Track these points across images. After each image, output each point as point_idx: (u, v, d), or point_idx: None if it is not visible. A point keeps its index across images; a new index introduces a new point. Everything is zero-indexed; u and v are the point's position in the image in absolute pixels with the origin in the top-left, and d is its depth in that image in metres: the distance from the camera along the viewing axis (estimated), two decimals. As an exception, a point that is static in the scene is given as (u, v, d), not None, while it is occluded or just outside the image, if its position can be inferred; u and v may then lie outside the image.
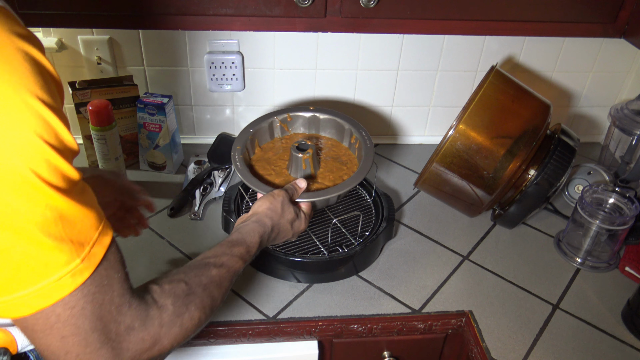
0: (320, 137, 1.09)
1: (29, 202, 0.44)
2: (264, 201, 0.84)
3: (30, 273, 0.46)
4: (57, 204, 0.46)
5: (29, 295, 0.46)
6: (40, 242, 0.45)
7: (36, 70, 0.45)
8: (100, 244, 0.50)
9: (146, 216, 0.98)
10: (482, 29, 1.05)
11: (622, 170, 1.25)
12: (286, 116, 1.07)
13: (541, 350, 0.89)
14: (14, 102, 0.43)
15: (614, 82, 1.41)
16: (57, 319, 0.48)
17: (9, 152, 0.43)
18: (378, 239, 1.02)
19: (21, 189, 0.44)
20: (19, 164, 0.43)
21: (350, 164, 1.02)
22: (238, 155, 0.96)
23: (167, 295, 0.59)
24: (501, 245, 1.12)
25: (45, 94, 0.45)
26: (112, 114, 1.11)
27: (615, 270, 1.07)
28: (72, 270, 0.48)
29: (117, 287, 0.52)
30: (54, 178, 0.46)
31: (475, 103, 1.00)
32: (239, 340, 0.92)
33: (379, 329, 0.94)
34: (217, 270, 0.68)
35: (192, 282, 0.63)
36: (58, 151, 0.46)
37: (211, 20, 0.96)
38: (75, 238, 0.48)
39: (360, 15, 0.97)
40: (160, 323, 0.56)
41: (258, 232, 0.78)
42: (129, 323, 0.53)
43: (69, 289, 0.48)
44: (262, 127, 1.04)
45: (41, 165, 0.44)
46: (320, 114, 1.07)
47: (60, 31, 1.19)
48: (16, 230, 0.44)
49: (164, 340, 0.57)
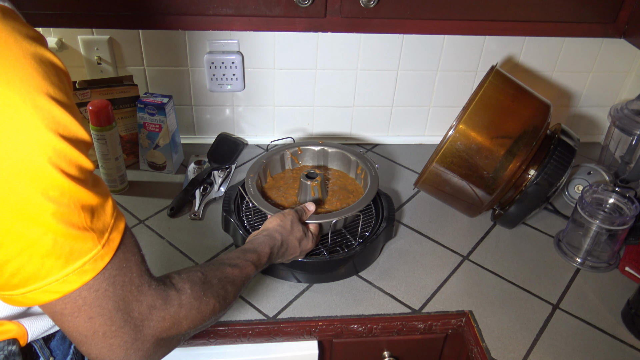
0: (328, 168, 1.17)
1: (52, 196, 0.47)
2: (275, 219, 0.89)
3: (57, 261, 0.49)
4: (78, 195, 0.49)
5: (56, 282, 0.49)
6: (65, 232, 0.48)
7: (47, 69, 0.48)
8: (117, 230, 0.54)
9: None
10: (482, 29, 1.05)
11: (622, 170, 1.25)
12: (297, 149, 1.15)
13: (541, 350, 0.89)
14: (28, 103, 0.45)
15: (614, 82, 1.41)
16: (84, 301, 0.51)
17: (28, 150, 0.45)
18: (378, 239, 1.02)
19: (44, 183, 0.46)
20: (39, 160, 0.46)
21: (356, 192, 1.10)
22: (251, 182, 1.03)
23: (184, 281, 0.62)
24: (501, 245, 1.12)
25: (57, 90, 0.48)
26: (112, 114, 1.11)
27: (615, 270, 1.07)
28: (94, 256, 0.51)
29: (136, 269, 0.55)
30: (72, 170, 0.48)
31: (475, 103, 1.00)
32: (239, 340, 0.92)
33: (379, 329, 0.94)
34: (231, 269, 0.73)
35: (209, 274, 0.68)
36: (73, 144, 0.48)
37: (211, 20, 0.96)
38: (95, 226, 0.51)
39: (360, 15, 0.97)
40: (180, 304, 0.59)
41: (269, 244, 0.83)
42: (151, 302, 0.56)
43: (92, 274, 0.51)
44: (274, 159, 1.13)
45: (59, 159, 0.47)
46: (329, 147, 1.15)
47: (60, 31, 1.19)
48: (42, 224, 0.47)
49: (183, 321, 0.60)
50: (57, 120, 0.47)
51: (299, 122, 1.39)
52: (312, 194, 1.03)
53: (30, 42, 0.48)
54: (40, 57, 0.48)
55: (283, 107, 1.36)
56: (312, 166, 1.17)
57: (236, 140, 1.37)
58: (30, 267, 0.48)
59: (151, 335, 0.56)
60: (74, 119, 0.48)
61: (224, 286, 0.68)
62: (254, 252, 0.79)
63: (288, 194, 1.08)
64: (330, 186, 1.11)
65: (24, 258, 0.47)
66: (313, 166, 1.17)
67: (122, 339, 0.54)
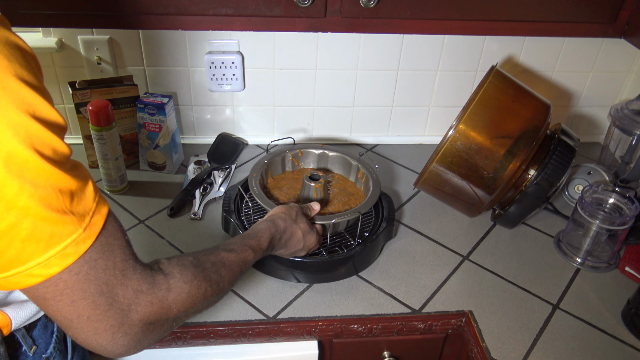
0: (328, 171, 1.18)
1: (28, 178, 0.46)
2: (280, 207, 0.90)
3: (37, 245, 0.48)
4: (55, 177, 0.48)
5: (38, 266, 0.49)
6: (45, 216, 0.48)
7: (13, 51, 0.47)
8: (99, 214, 0.53)
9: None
10: (482, 29, 1.05)
11: (622, 170, 1.25)
12: (297, 151, 1.16)
13: (541, 350, 0.89)
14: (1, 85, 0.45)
15: (614, 82, 1.41)
16: (65, 284, 0.51)
17: (1, 133, 0.44)
18: (378, 239, 1.02)
19: (20, 167, 0.45)
20: (12, 141, 0.45)
21: (356, 195, 1.11)
22: (255, 181, 1.04)
23: (174, 265, 0.62)
24: (501, 245, 1.12)
25: (26, 72, 0.47)
26: (112, 114, 1.11)
27: (615, 270, 1.07)
28: (75, 239, 0.50)
29: (119, 253, 0.55)
30: (47, 152, 0.47)
31: (475, 103, 1.00)
32: (239, 340, 0.92)
33: (379, 329, 0.94)
34: (226, 253, 0.72)
35: (201, 257, 0.67)
36: (46, 126, 0.47)
37: (211, 20, 0.96)
38: (76, 209, 0.50)
39: (360, 15, 0.97)
40: (168, 288, 0.59)
41: (269, 230, 0.82)
42: (136, 286, 0.56)
43: (74, 257, 0.51)
44: (275, 160, 1.13)
45: (33, 140, 0.46)
46: (329, 151, 1.16)
47: (60, 31, 1.19)
48: (21, 208, 0.46)
49: (172, 306, 0.59)
50: (28, 102, 0.46)
51: (299, 122, 1.39)
52: (315, 195, 1.04)
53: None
54: (5, 40, 0.47)
55: (283, 107, 1.36)
56: (312, 169, 1.17)
57: (236, 140, 1.37)
58: (11, 251, 0.48)
59: (139, 320, 0.56)
60: (45, 101, 0.48)
61: (217, 270, 0.67)
62: (253, 238, 0.78)
63: (290, 194, 1.09)
64: (331, 189, 1.11)
65: (4, 242, 0.47)
66: (313, 169, 1.17)
67: (108, 323, 0.53)
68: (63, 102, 1.29)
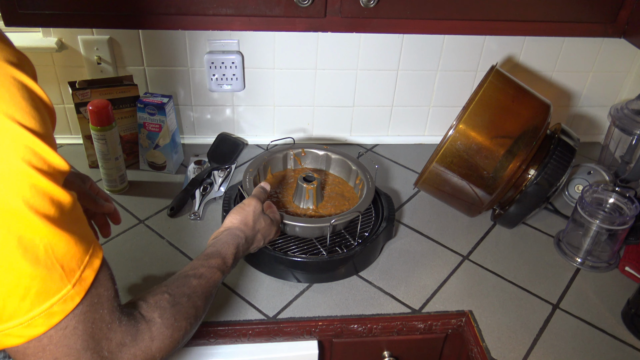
0: (329, 174, 1.17)
1: (17, 233, 0.43)
2: (235, 215, 0.85)
3: (21, 303, 0.45)
4: (48, 235, 0.45)
5: (20, 325, 0.46)
6: (30, 273, 0.44)
7: (26, 97, 0.45)
8: (90, 267, 0.50)
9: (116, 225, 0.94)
10: (482, 29, 1.05)
11: (622, 170, 1.25)
12: (300, 150, 1.16)
13: (541, 350, 0.89)
14: (1, 132, 0.42)
15: (614, 82, 1.41)
16: (50, 340, 0.48)
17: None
18: (378, 239, 1.02)
19: (8, 220, 0.43)
20: (8, 194, 0.43)
21: (352, 200, 1.10)
22: (249, 177, 1.03)
23: (153, 309, 0.59)
24: (501, 245, 1.12)
25: (34, 120, 0.45)
26: (112, 114, 1.11)
27: (615, 270, 1.07)
28: (63, 296, 0.47)
29: (107, 305, 0.52)
30: (44, 206, 0.45)
31: (475, 103, 1.00)
32: (239, 340, 0.92)
33: (379, 329, 0.94)
34: (197, 280, 0.70)
35: (175, 293, 0.65)
36: (48, 175, 0.45)
37: (211, 20, 0.96)
38: (66, 265, 0.47)
39: (360, 15, 0.97)
40: (151, 337, 0.57)
41: (232, 244, 0.80)
42: (120, 339, 0.53)
43: (60, 316, 0.47)
44: (276, 157, 1.13)
45: (31, 193, 0.44)
46: (332, 153, 1.15)
47: (60, 31, 1.19)
48: (3, 262, 0.43)
49: (156, 354, 0.57)
50: (30, 152, 0.44)
51: (299, 122, 1.39)
52: (307, 197, 1.04)
53: (12, 68, 0.45)
54: (22, 84, 0.45)
55: (283, 107, 1.36)
56: (312, 169, 1.17)
57: (236, 140, 1.37)
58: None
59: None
60: (49, 147, 0.46)
61: (194, 304, 0.66)
62: (217, 257, 0.76)
63: (285, 193, 1.09)
64: (328, 192, 1.11)
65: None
66: (314, 169, 1.17)
67: None
68: (63, 102, 1.29)
